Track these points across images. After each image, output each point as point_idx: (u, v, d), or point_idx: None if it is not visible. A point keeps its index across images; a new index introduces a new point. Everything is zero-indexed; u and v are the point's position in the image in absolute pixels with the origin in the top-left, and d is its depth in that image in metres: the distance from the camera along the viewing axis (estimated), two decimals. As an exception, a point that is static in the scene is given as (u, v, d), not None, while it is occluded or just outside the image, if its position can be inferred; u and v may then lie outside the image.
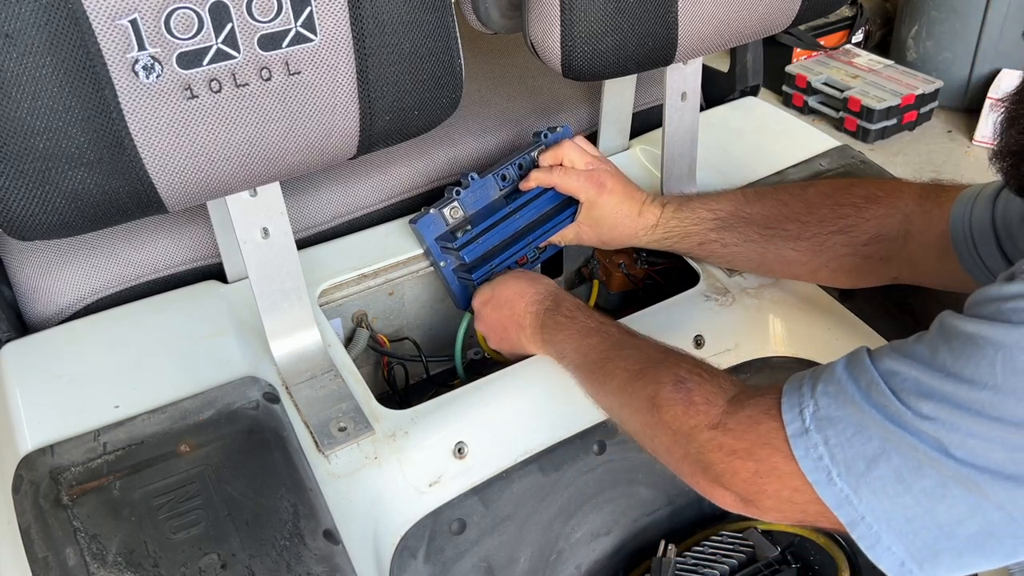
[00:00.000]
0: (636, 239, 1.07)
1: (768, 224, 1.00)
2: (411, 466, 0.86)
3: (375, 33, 0.76)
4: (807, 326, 1.05)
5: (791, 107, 3.27)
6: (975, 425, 0.53)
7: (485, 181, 1.08)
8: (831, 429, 0.60)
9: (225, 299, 0.99)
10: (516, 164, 1.10)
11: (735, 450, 0.67)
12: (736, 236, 1.02)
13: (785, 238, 0.99)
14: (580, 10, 0.90)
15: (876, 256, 0.94)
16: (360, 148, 0.83)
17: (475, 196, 1.07)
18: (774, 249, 1.00)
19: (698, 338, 1.02)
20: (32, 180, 0.68)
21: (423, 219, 1.06)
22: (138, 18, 0.65)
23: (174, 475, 0.78)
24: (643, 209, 1.06)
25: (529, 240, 1.08)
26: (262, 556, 0.73)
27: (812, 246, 0.97)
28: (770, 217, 1.00)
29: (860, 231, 0.94)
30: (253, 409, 0.85)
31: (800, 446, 0.61)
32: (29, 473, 0.78)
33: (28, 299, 1.00)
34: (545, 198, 1.09)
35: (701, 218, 1.04)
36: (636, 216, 1.06)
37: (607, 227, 1.07)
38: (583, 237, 1.09)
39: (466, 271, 1.05)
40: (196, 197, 0.77)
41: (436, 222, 1.06)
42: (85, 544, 0.72)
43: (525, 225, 1.08)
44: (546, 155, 1.08)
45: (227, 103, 0.72)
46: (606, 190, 1.05)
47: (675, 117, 1.13)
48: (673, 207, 1.06)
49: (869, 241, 0.94)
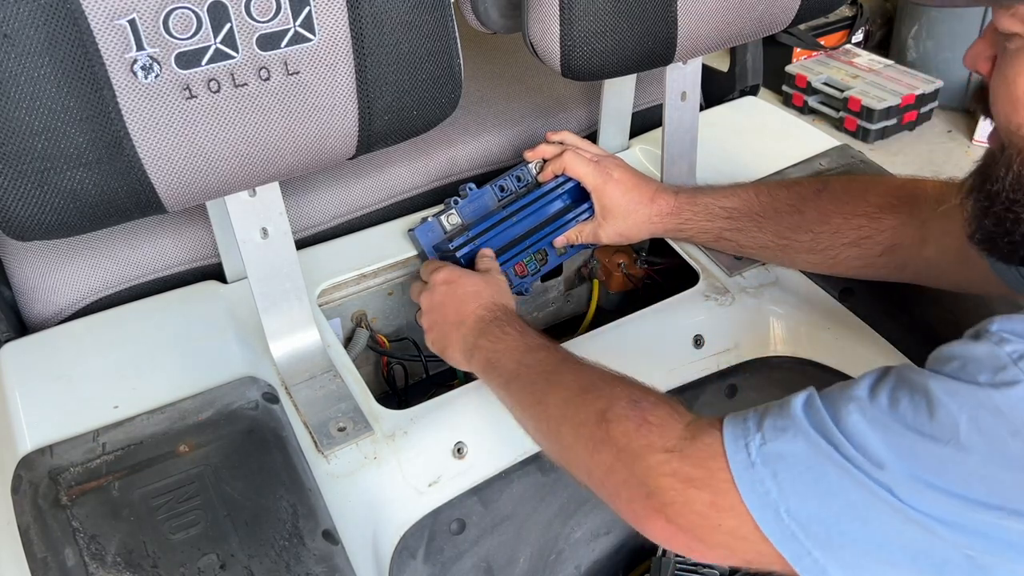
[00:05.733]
0: (651, 226, 1.07)
1: (782, 234, 1.00)
2: (410, 466, 0.86)
3: (374, 33, 0.76)
4: (807, 326, 1.05)
5: (791, 107, 3.27)
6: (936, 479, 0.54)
7: (483, 192, 1.10)
8: (779, 464, 0.58)
9: (224, 299, 0.99)
10: (514, 176, 1.11)
11: (691, 478, 0.63)
12: (750, 240, 1.03)
13: (798, 249, 0.99)
14: (579, 10, 0.90)
15: (891, 265, 0.94)
16: (359, 148, 0.83)
17: (473, 206, 1.09)
18: (787, 258, 1.01)
19: (697, 338, 1.02)
20: (31, 180, 0.68)
21: (420, 227, 1.07)
22: (136, 18, 0.65)
23: (173, 475, 0.78)
24: (655, 195, 1.06)
25: (529, 244, 1.08)
26: (261, 556, 0.73)
27: (825, 259, 0.97)
28: (784, 226, 1.00)
29: (874, 243, 0.93)
30: (252, 409, 0.85)
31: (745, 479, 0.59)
32: (28, 473, 0.78)
33: (27, 299, 1.00)
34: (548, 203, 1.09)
35: (714, 215, 1.04)
36: (649, 202, 1.06)
37: (621, 215, 1.06)
38: (600, 234, 1.08)
39: None
40: (195, 197, 0.77)
41: (434, 230, 1.07)
42: (84, 544, 0.72)
43: (524, 232, 1.09)
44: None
45: (226, 103, 0.72)
46: (613, 178, 1.06)
47: (675, 117, 1.13)
48: (687, 196, 1.06)
49: (884, 252, 0.93)
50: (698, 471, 0.62)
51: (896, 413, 0.56)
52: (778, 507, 0.58)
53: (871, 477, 0.55)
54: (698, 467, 0.62)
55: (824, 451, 0.57)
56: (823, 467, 0.57)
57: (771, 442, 0.59)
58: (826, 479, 0.57)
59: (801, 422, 0.59)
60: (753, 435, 0.60)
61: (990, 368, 0.54)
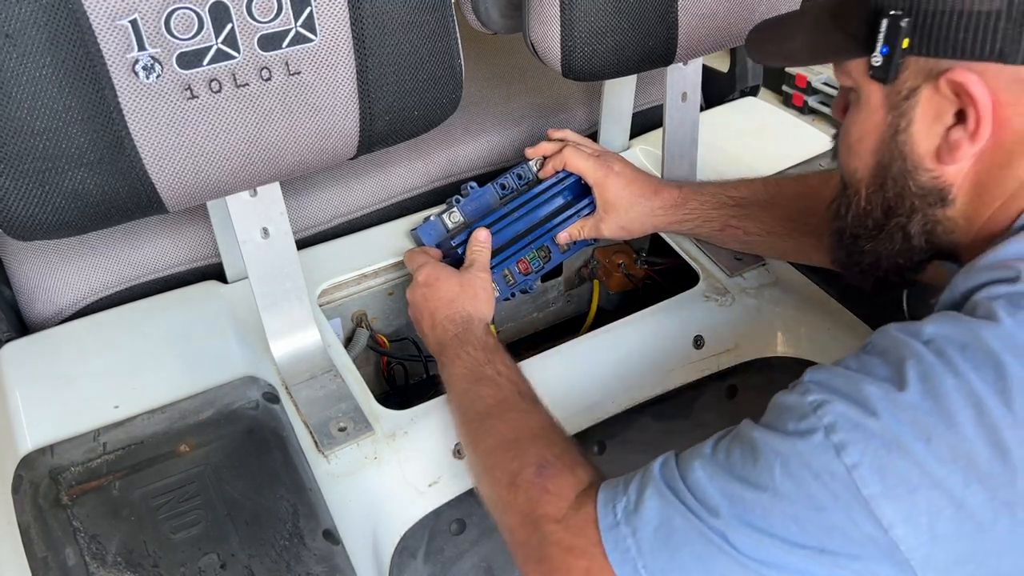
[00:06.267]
0: (655, 219, 1.06)
1: (790, 217, 1.00)
2: (411, 466, 0.86)
3: (375, 34, 0.76)
4: (807, 326, 1.05)
5: (791, 107, 3.27)
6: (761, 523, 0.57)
7: (485, 190, 1.10)
8: (639, 521, 0.61)
9: (225, 299, 0.99)
10: (515, 174, 1.11)
11: (572, 547, 0.66)
12: (758, 226, 1.02)
13: (805, 232, 0.98)
14: (580, 10, 0.90)
15: None
16: (360, 148, 0.83)
17: (475, 205, 1.10)
18: (794, 244, 1.01)
19: (698, 338, 1.02)
20: (32, 180, 0.68)
21: (423, 226, 1.08)
22: (138, 18, 0.65)
23: (174, 475, 0.78)
24: (658, 188, 1.06)
25: (531, 240, 1.08)
26: (262, 556, 0.73)
27: None
28: (792, 210, 1.00)
29: None
30: (253, 409, 0.85)
31: (611, 539, 0.62)
32: (29, 473, 0.78)
33: (28, 299, 1.00)
34: (549, 199, 1.10)
35: (721, 203, 1.04)
36: (652, 194, 1.05)
37: (623, 209, 1.06)
38: (602, 228, 1.08)
39: None
40: (196, 197, 0.77)
41: (436, 228, 1.08)
42: (85, 544, 0.72)
43: (527, 228, 1.09)
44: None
45: (227, 103, 0.72)
46: (614, 171, 1.06)
47: (675, 117, 1.13)
48: (692, 187, 1.07)
49: None
50: (577, 540, 0.65)
51: (728, 463, 0.59)
52: (636, 563, 0.61)
53: (708, 525, 0.58)
54: (577, 536, 0.65)
55: (673, 504, 0.60)
56: (673, 521, 0.60)
57: (633, 502, 0.63)
58: (676, 533, 0.60)
59: (657, 480, 0.62)
60: (621, 497, 0.63)
61: (796, 417, 0.58)
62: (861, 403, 0.55)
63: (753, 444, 0.59)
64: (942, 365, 0.54)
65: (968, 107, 0.59)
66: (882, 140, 0.66)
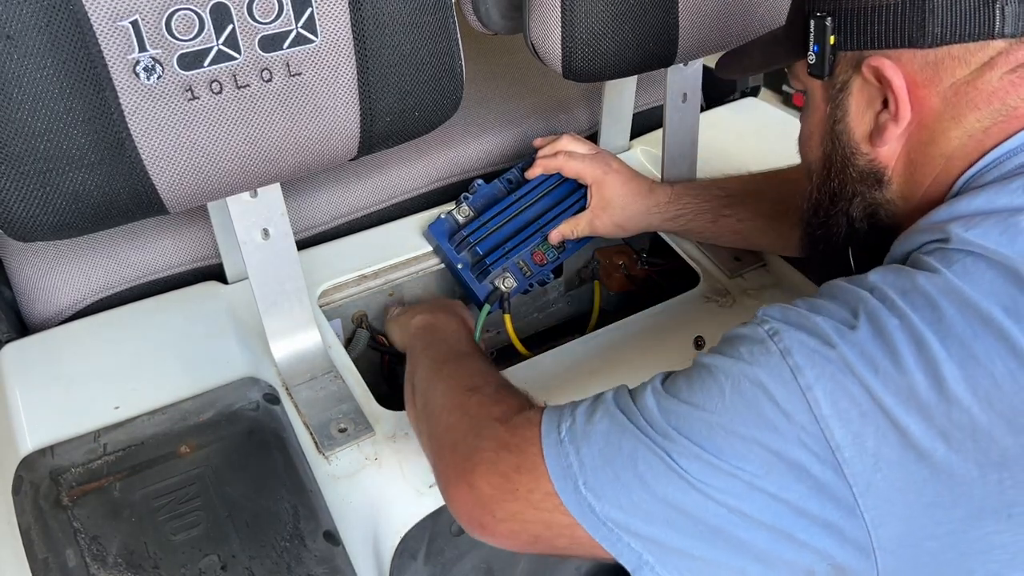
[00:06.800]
0: (649, 218, 1.07)
1: (782, 201, 1.00)
2: (411, 467, 0.86)
3: (376, 34, 0.76)
4: (807, 327, 1.05)
5: (791, 107, 3.26)
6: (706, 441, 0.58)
7: (492, 186, 1.13)
8: (584, 441, 0.63)
9: (225, 300, 0.99)
10: (520, 168, 1.13)
11: (507, 443, 0.68)
12: (750, 211, 1.04)
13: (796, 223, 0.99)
14: (581, 11, 0.90)
15: None
16: (360, 149, 0.83)
17: (483, 200, 1.12)
18: (787, 228, 1.01)
19: (698, 339, 1.02)
20: (33, 181, 0.68)
21: (434, 224, 1.09)
22: (139, 19, 0.65)
23: (174, 476, 0.78)
24: (653, 187, 1.07)
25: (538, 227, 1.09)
26: (262, 557, 0.73)
27: None
28: (783, 193, 1.00)
29: None
30: (253, 410, 0.85)
31: (552, 455, 0.64)
32: (29, 474, 0.78)
33: (28, 300, 1.00)
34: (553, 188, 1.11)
35: (714, 194, 1.06)
36: (647, 193, 1.07)
37: (618, 207, 1.07)
38: (597, 225, 1.09)
39: (480, 266, 1.07)
40: (197, 198, 0.77)
41: (447, 224, 1.10)
42: (85, 545, 0.72)
43: (535, 216, 1.10)
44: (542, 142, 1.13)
45: (228, 104, 0.72)
46: (612, 169, 1.07)
47: (675, 118, 1.13)
48: (684, 184, 1.09)
49: None
50: (514, 439, 0.67)
51: (680, 388, 0.61)
52: (577, 480, 0.62)
53: (657, 444, 0.59)
54: (515, 435, 0.68)
55: (623, 425, 0.62)
56: (621, 441, 0.61)
57: (580, 424, 0.64)
58: (621, 452, 0.61)
59: (609, 404, 0.64)
60: (567, 418, 0.65)
61: (750, 343, 0.60)
62: (816, 334, 0.58)
63: (707, 368, 0.61)
64: (886, 308, 0.57)
65: (888, 91, 0.65)
66: (825, 132, 0.71)
